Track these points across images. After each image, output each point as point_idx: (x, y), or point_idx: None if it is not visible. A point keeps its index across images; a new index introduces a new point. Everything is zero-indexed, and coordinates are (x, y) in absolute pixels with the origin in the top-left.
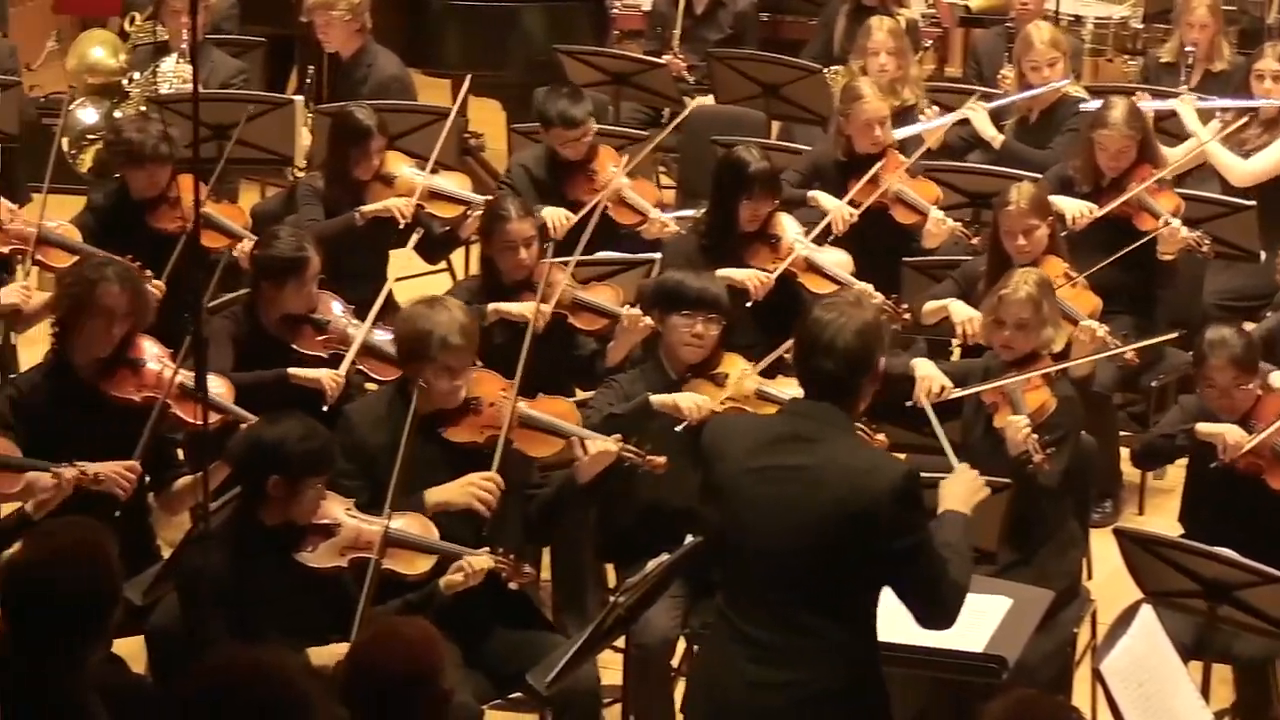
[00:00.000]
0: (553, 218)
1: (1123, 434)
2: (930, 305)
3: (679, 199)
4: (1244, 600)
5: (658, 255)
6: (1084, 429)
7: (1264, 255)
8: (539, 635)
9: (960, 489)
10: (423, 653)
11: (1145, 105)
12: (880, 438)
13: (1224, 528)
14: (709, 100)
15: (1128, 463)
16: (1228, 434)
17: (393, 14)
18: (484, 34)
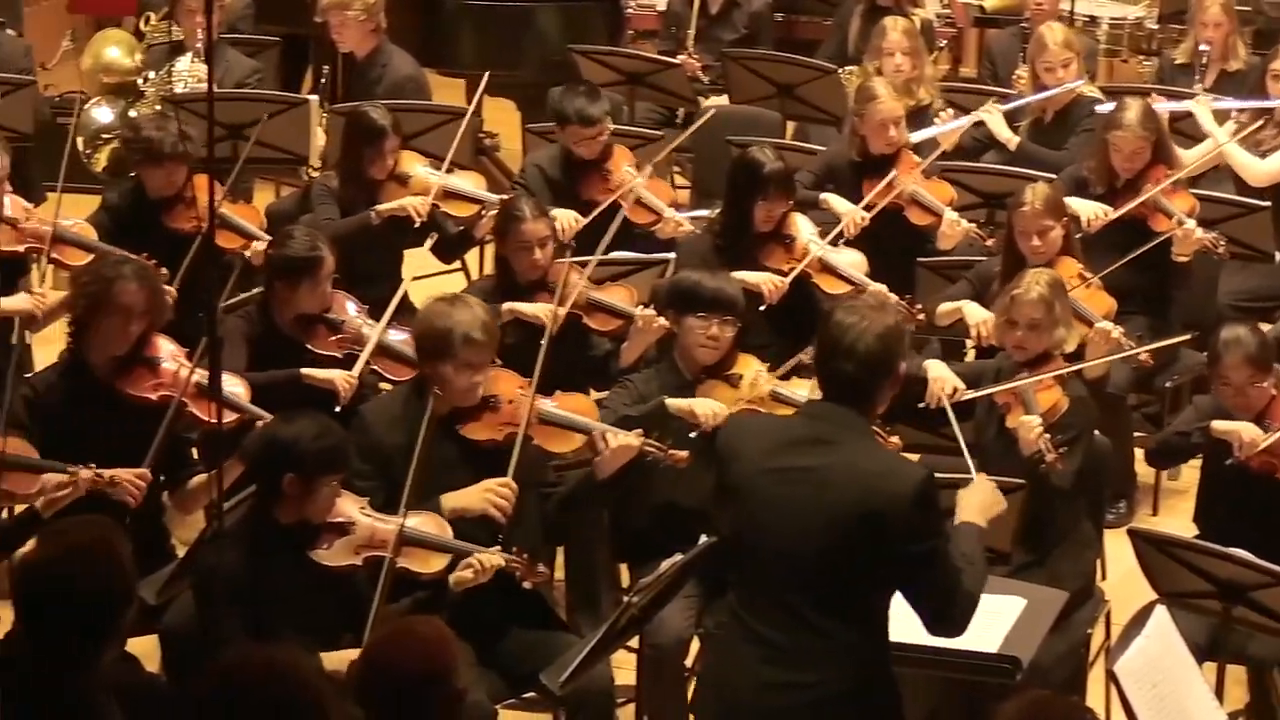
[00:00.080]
0: (562, 220)
1: (1137, 435)
2: (945, 307)
3: (694, 199)
4: (1258, 601)
5: (672, 255)
6: (1099, 430)
7: (1279, 256)
8: (553, 635)
9: (977, 501)
10: (437, 652)
11: (1161, 107)
12: (895, 440)
13: (1239, 526)
14: (723, 100)
15: (1142, 463)
16: (1243, 431)
17: (408, 13)
18: (499, 34)
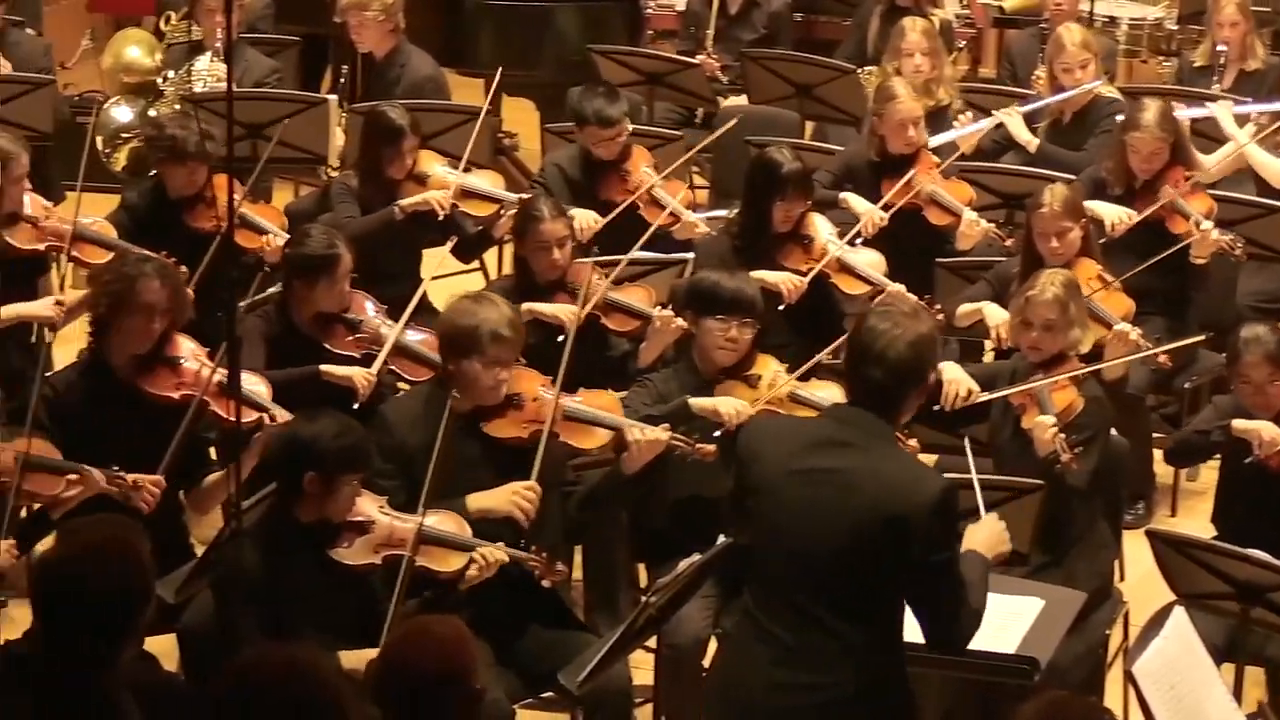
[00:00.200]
0: (581, 220)
1: (1155, 436)
2: (964, 308)
3: (712, 199)
4: (1277, 603)
5: (690, 255)
6: (1117, 431)
7: None
8: (571, 634)
9: (983, 536)
10: (455, 651)
11: (1182, 114)
12: (913, 443)
13: (1257, 526)
14: (742, 100)
15: (1161, 465)
16: (1263, 430)
17: (427, 14)
18: (518, 33)
